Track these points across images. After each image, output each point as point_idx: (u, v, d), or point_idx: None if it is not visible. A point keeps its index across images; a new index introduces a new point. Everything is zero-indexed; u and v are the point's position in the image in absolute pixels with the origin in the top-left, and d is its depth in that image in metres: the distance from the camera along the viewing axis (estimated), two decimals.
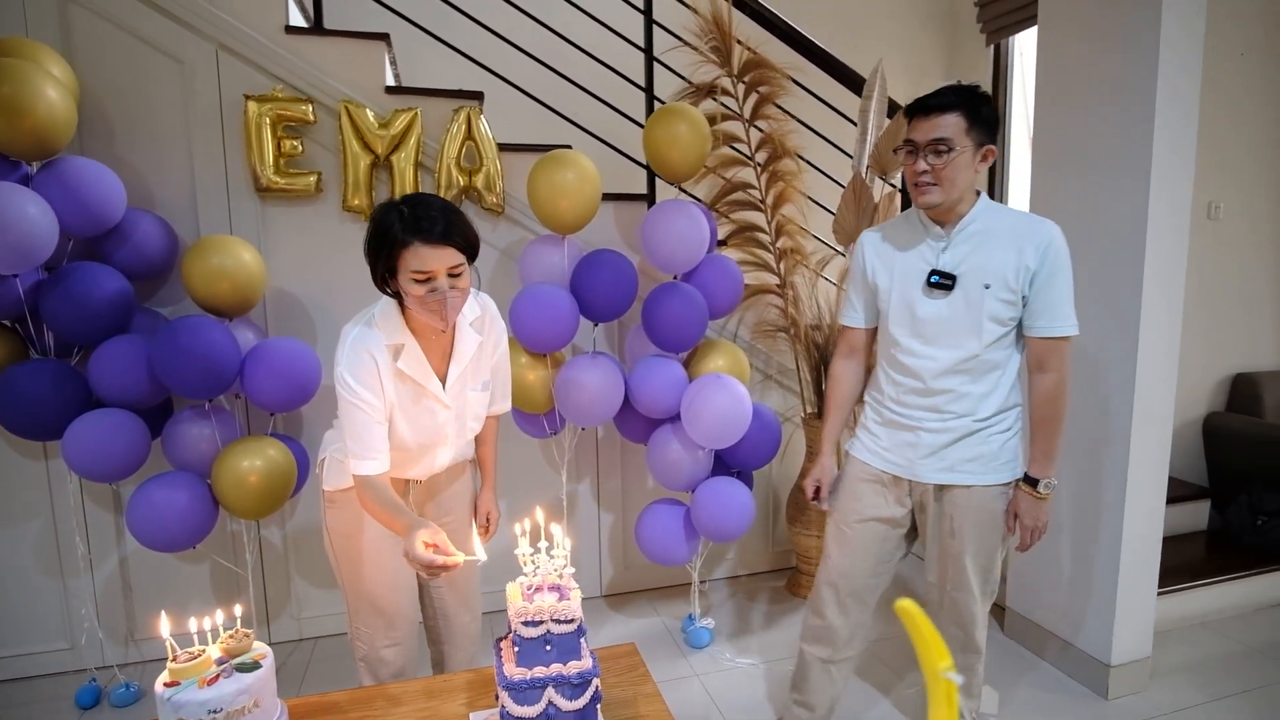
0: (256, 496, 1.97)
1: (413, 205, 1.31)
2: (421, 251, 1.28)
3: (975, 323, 1.44)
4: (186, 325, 1.90)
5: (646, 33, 2.56)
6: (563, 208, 2.10)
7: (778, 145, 2.37)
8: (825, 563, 1.66)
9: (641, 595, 2.69)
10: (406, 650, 1.56)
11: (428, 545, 1.18)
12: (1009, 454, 1.53)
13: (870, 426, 1.62)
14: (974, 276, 1.43)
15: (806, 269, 2.44)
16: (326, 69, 2.22)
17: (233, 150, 2.19)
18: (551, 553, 1.16)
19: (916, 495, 1.57)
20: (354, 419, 1.35)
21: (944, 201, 1.42)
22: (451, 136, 2.27)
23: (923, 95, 1.42)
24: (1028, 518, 1.51)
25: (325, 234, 2.27)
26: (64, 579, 2.20)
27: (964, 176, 1.40)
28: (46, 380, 1.90)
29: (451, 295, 1.32)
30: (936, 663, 0.57)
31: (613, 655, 1.34)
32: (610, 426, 2.50)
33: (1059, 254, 1.43)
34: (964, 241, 1.45)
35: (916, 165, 1.41)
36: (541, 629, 1.09)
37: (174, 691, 1.02)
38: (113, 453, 1.90)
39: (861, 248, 1.60)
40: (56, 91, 1.80)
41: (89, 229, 1.95)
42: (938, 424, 1.50)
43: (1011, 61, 3.56)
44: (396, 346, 1.39)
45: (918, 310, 1.49)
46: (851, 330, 1.67)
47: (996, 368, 1.48)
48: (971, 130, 1.38)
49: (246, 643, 1.11)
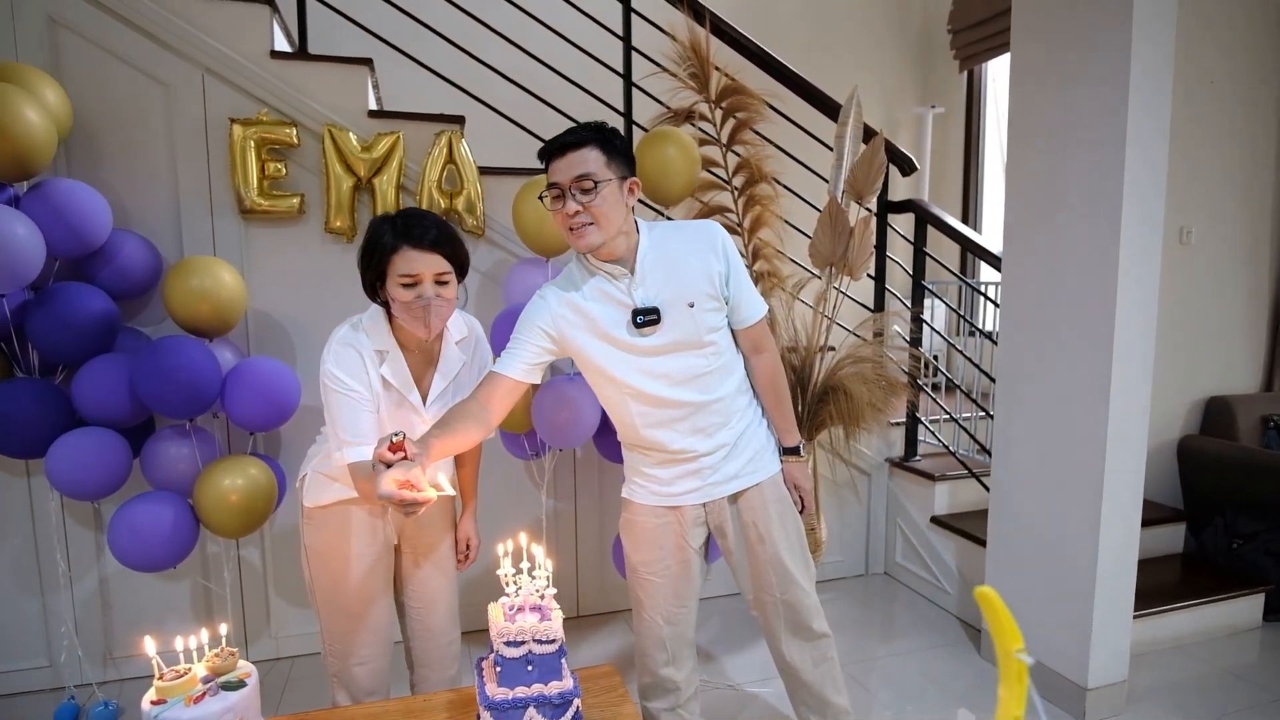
0: (238, 515, 1.98)
1: (406, 216, 1.40)
2: (410, 255, 1.35)
3: (696, 340, 1.45)
4: (168, 346, 1.92)
5: (625, 59, 2.60)
6: (547, 231, 2.13)
7: (755, 170, 2.42)
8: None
9: (618, 616, 2.70)
10: (378, 669, 1.58)
11: (399, 484, 1.14)
12: (771, 439, 1.63)
13: (646, 470, 1.58)
14: (676, 300, 1.43)
15: (784, 291, 2.47)
16: (310, 93, 2.26)
17: (217, 172, 2.22)
18: (533, 573, 1.19)
19: (713, 517, 1.59)
20: (343, 408, 1.38)
21: (604, 240, 1.38)
22: (433, 160, 2.31)
23: (551, 138, 1.41)
24: (806, 481, 1.64)
25: (307, 256, 2.30)
26: (44, 596, 2.22)
27: (617, 211, 1.38)
28: (31, 399, 1.92)
29: (436, 303, 1.37)
30: (1009, 644, 0.62)
31: (592, 676, 1.35)
32: (590, 446, 2.52)
33: (731, 247, 1.49)
34: (650, 271, 1.43)
35: (567, 207, 1.37)
36: (523, 649, 1.12)
37: (161, 709, 1.04)
38: (95, 471, 1.92)
39: (547, 305, 1.47)
40: (36, 113, 1.82)
41: (75, 249, 1.97)
42: (708, 444, 1.52)
43: (985, 87, 3.62)
44: (381, 353, 1.43)
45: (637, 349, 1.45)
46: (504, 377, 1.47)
47: (731, 371, 1.53)
48: (611, 163, 1.38)
49: (231, 661, 1.13)
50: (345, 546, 1.51)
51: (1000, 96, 3.52)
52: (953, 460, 2.81)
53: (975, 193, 3.63)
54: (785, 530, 1.58)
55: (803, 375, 2.46)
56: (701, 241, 1.46)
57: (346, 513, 1.51)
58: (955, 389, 2.89)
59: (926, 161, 3.83)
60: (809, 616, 1.60)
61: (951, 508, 2.78)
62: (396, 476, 1.13)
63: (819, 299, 2.41)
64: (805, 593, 1.59)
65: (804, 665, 1.61)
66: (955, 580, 2.68)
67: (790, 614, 1.59)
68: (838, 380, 2.37)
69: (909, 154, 2.70)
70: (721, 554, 1.66)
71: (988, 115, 3.64)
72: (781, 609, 1.59)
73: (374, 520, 1.54)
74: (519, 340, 1.46)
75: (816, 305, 2.41)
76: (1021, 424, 2.21)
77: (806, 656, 1.62)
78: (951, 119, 3.94)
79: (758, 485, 1.56)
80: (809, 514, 1.65)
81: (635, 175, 1.44)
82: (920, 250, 2.80)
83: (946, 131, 3.99)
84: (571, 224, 1.38)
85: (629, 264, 1.44)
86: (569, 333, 1.45)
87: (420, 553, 1.62)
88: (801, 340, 2.48)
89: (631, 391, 1.47)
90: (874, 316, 2.62)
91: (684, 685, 1.63)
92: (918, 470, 2.81)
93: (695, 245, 1.46)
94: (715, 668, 2.37)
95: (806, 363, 2.43)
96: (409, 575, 1.62)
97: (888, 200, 2.79)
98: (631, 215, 1.44)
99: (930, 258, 2.83)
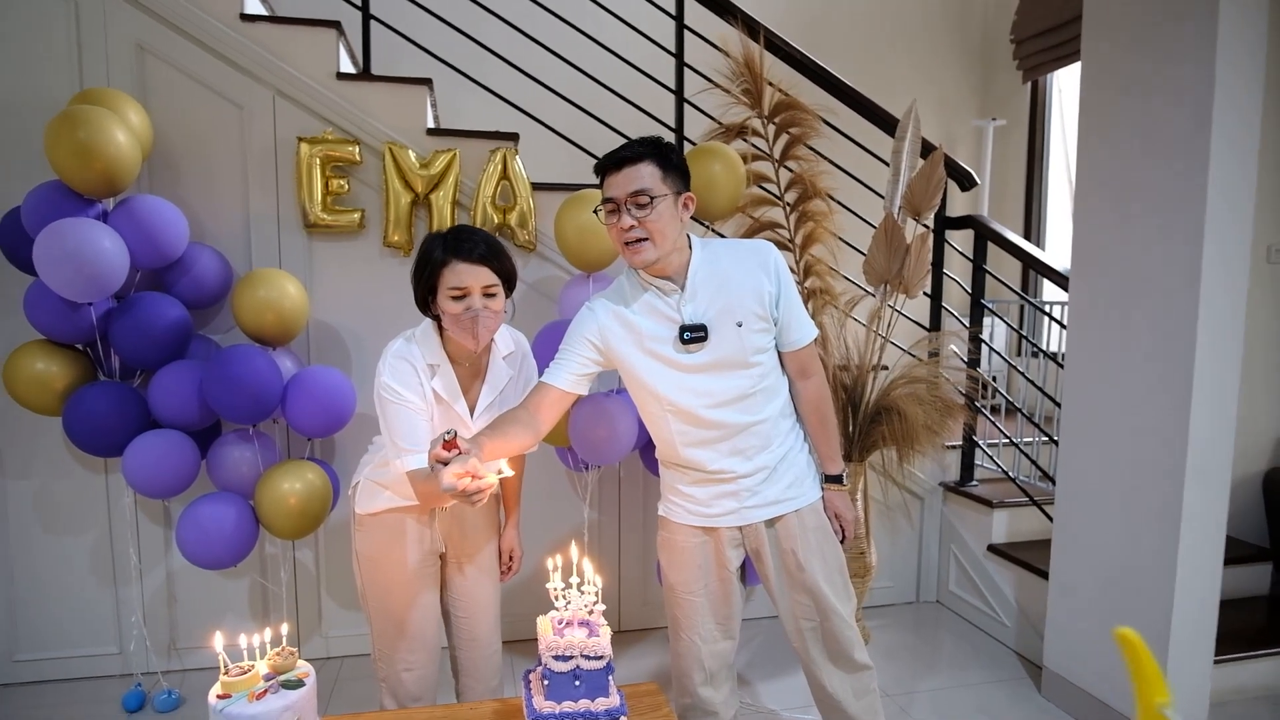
0: (296, 517, 2.06)
1: (456, 232, 1.46)
2: (459, 268, 1.40)
3: (742, 360, 1.43)
4: (235, 355, 2.02)
5: (678, 75, 2.61)
6: (589, 245, 2.15)
7: (809, 185, 2.38)
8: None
9: (659, 632, 2.68)
10: (426, 675, 1.61)
11: (459, 475, 1.15)
12: (813, 465, 1.60)
13: (683, 489, 1.55)
14: (724, 318, 1.42)
15: (836, 309, 2.42)
16: (372, 112, 2.34)
17: (284, 189, 2.33)
18: (582, 589, 1.19)
19: (750, 541, 1.55)
20: (400, 417, 1.43)
21: (659, 256, 1.38)
22: (488, 176, 2.36)
23: (608, 152, 1.41)
24: (848, 511, 1.60)
25: (366, 269, 2.39)
26: (116, 587, 2.35)
27: (672, 227, 1.38)
28: (112, 401, 2.04)
29: (484, 315, 1.41)
30: (1153, 696, 0.55)
31: (635, 693, 1.35)
32: (635, 459, 2.52)
33: (784, 268, 1.48)
34: (700, 288, 1.43)
35: (622, 222, 1.37)
36: (571, 664, 1.13)
37: (226, 704, 1.09)
38: (167, 471, 2.03)
39: (595, 316, 1.48)
40: (125, 136, 1.95)
41: (155, 261, 2.09)
42: (748, 466, 1.48)
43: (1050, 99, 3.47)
44: (432, 366, 1.48)
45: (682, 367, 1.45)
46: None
47: (775, 394, 1.50)
48: (667, 178, 1.37)
49: (291, 660, 1.18)
50: (395, 553, 1.56)
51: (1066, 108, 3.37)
52: (1012, 487, 2.69)
53: (1039, 208, 3.48)
54: (824, 559, 1.54)
55: (855, 394, 2.40)
56: (753, 261, 1.45)
57: (397, 520, 1.56)
58: (1016, 412, 2.76)
59: (987, 176, 3.70)
60: (850, 647, 1.55)
61: (1010, 536, 2.65)
62: (456, 470, 1.15)
63: (873, 316, 2.35)
64: (846, 623, 1.54)
65: (845, 697, 1.56)
66: (1014, 612, 2.55)
67: (830, 644, 1.55)
68: (891, 400, 2.30)
69: (968, 168, 2.61)
70: (759, 577, 1.63)
71: (1053, 128, 3.48)
72: (821, 638, 1.55)
73: (422, 528, 1.58)
74: (566, 351, 1.47)
75: (870, 323, 2.35)
76: (1089, 451, 2.10)
77: (848, 688, 1.57)
78: (1013, 132, 3.80)
79: (797, 512, 1.53)
80: (856, 540, 1.61)
81: (690, 191, 1.44)
82: (980, 268, 2.70)
83: (1008, 145, 3.85)
84: (626, 239, 1.38)
85: (680, 280, 1.44)
86: (615, 345, 1.46)
87: (466, 562, 1.65)
88: (854, 358, 2.42)
89: (673, 409, 1.47)
90: (929, 336, 2.54)
91: (722, 708, 1.60)
92: (974, 496, 2.70)
93: (747, 264, 1.45)
94: (752, 692, 2.32)
95: (859, 382, 2.37)
96: (455, 583, 1.66)
97: (946, 216, 2.71)
98: (685, 231, 1.45)
99: (991, 275, 2.72)
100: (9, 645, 2.33)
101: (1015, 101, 3.54)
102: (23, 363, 2.03)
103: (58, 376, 2.05)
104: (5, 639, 2.32)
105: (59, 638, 2.35)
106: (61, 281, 1.88)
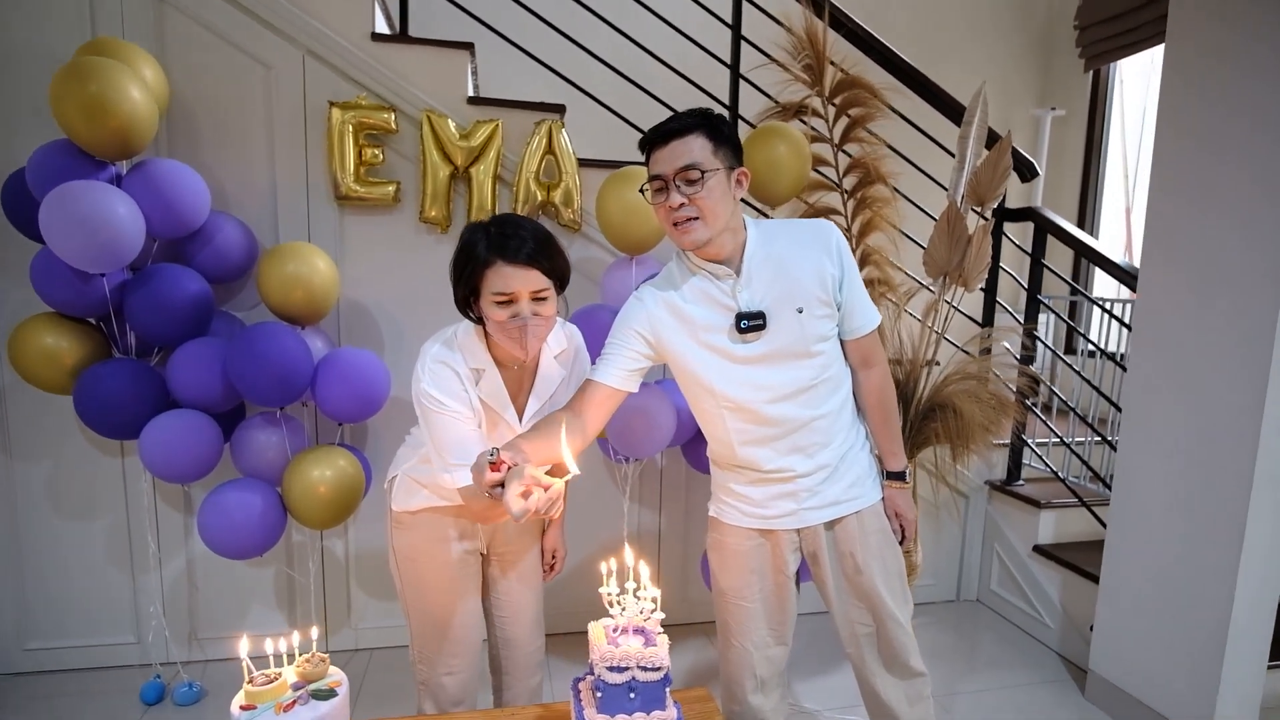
0: (326, 506, 1.96)
1: (500, 224, 1.29)
2: (505, 271, 1.25)
3: (803, 349, 1.34)
4: (261, 332, 1.90)
5: (734, 49, 2.48)
6: (633, 226, 2.03)
7: (871, 170, 2.26)
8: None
9: (698, 628, 2.61)
10: (467, 679, 1.53)
11: (524, 494, 1.03)
12: (874, 464, 1.51)
13: (736, 489, 1.46)
14: (783, 305, 1.32)
15: (890, 302, 2.32)
16: (410, 77, 2.19)
17: (314, 157, 2.18)
18: (638, 594, 1.10)
19: (808, 544, 1.47)
20: (447, 429, 1.30)
21: (711, 236, 1.28)
22: (532, 150, 2.22)
23: (653, 126, 1.30)
24: (910, 511, 1.51)
25: (401, 245, 2.25)
26: (134, 574, 2.24)
27: (724, 205, 1.28)
28: (126, 379, 1.92)
29: (534, 323, 1.27)
30: None
31: (686, 699, 1.27)
32: (676, 452, 2.43)
33: (846, 249, 1.37)
34: (756, 272, 1.32)
35: (671, 200, 1.26)
36: (627, 675, 1.04)
37: (251, 715, 1.00)
38: (185, 453, 1.91)
39: (644, 306, 1.37)
40: (140, 92, 1.80)
41: (174, 231, 1.96)
42: (808, 464, 1.40)
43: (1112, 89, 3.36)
44: (477, 371, 1.35)
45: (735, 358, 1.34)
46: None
47: (838, 387, 1.41)
48: (719, 152, 1.27)
49: (323, 668, 1.09)
50: (435, 553, 1.46)
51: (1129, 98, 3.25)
52: (1059, 487, 2.63)
53: (1094, 201, 3.38)
54: (885, 562, 1.46)
55: (907, 390, 2.32)
56: (814, 242, 1.34)
57: (436, 520, 1.46)
58: (1068, 411, 2.70)
59: (1043, 167, 3.59)
60: (906, 654, 1.48)
61: (1057, 537, 2.60)
62: (516, 490, 1.03)
63: (928, 310, 2.26)
64: (903, 629, 1.47)
65: (899, 705, 1.50)
66: (1057, 614, 2.51)
67: (886, 650, 1.48)
68: (945, 397, 2.22)
69: (1031, 158, 2.51)
70: (813, 580, 1.54)
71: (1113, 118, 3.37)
72: (877, 644, 1.48)
73: (462, 528, 1.48)
74: (615, 345, 1.36)
75: (925, 317, 2.26)
76: (1150, 454, 2.04)
77: (901, 695, 1.50)
78: (1072, 122, 3.66)
79: (858, 514, 1.44)
80: (908, 542, 1.53)
81: (743, 166, 1.33)
82: (1038, 261, 2.61)
83: (1065, 135, 3.72)
84: (675, 218, 1.27)
85: (735, 264, 1.33)
86: (666, 336, 1.35)
87: (507, 563, 1.56)
88: (907, 353, 2.33)
89: (730, 404, 1.37)
90: (983, 332, 2.45)
91: (771, 716, 1.53)
92: (1021, 495, 2.64)
93: (807, 245, 1.34)
94: (792, 691, 2.27)
95: (911, 377, 2.28)
96: (496, 583, 1.57)
97: (1005, 208, 2.61)
98: (739, 210, 1.34)
99: (1049, 270, 2.64)
100: (18, 633, 2.22)
101: (1074, 91, 3.42)
102: (30, 337, 1.90)
103: (68, 352, 1.92)
104: (14, 627, 2.21)
105: (74, 626, 2.24)
106: (71, 250, 1.74)
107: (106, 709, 2.08)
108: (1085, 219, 3.43)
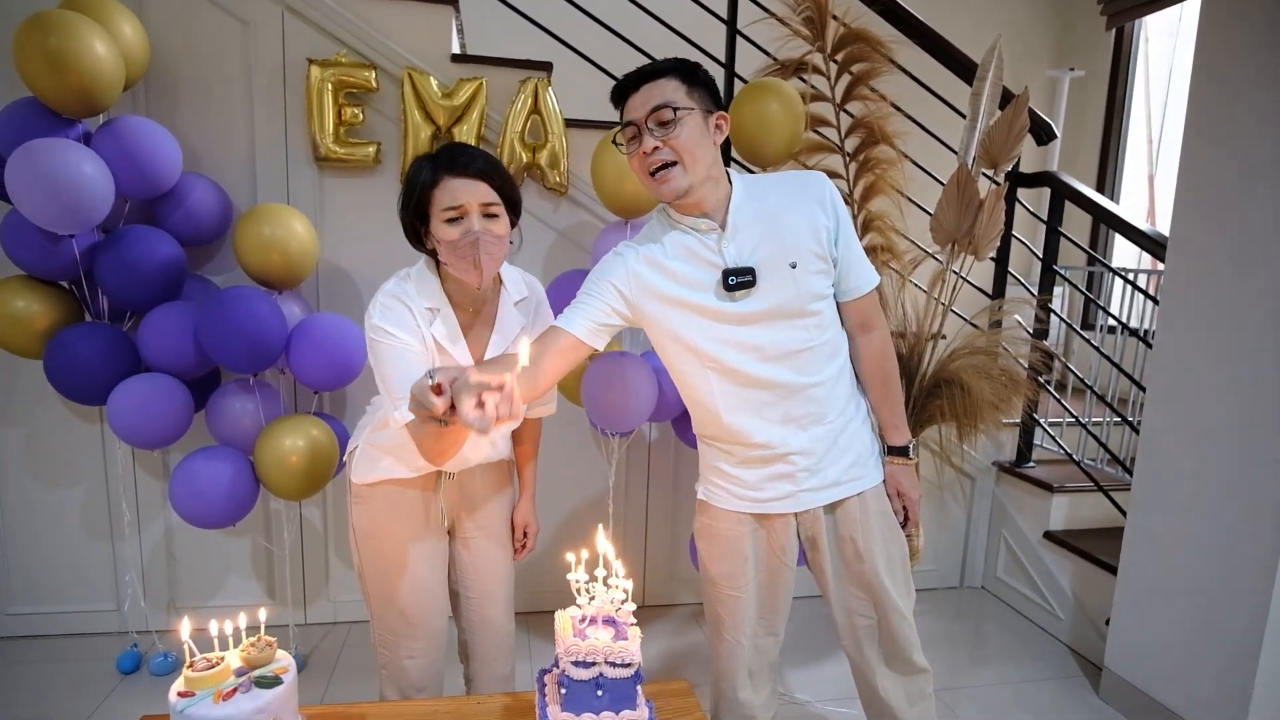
0: (298, 476, 1.91)
1: (446, 148, 1.26)
2: (452, 185, 1.21)
3: (798, 308, 1.23)
4: (233, 296, 1.84)
5: (730, 2, 2.35)
6: (627, 189, 1.93)
7: (876, 130, 2.13)
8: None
9: (684, 608, 2.52)
10: (430, 663, 1.44)
11: (477, 404, 0.94)
12: (876, 442, 1.40)
13: (727, 470, 1.36)
14: (775, 260, 1.22)
15: (894, 271, 2.19)
16: (391, 34, 2.11)
17: (293, 117, 2.12)
18: (609, 582, 1.01)
19: (805, 528, 1.36)
20: (394, 361, 1.23)
21: (691, 183, 1.19)
22: (517, 110, 2.13)
23: (624, 74, 1.22)
24: (913, 490, 1.40)
25: (381, 208, 2.17)
26: (113, 542, 2.21)
27: (703, 148, 1.19)
28: (98, 344, 1.88)
29: (486, 239, 1.21)
30: None
31: (664, 693, 1.19)
32: (666, 427, 2.34)
33: (840, 202, 1.28)
34: (744, 226, 1.23)
35: (645, 144, 1.18)
36: (594, 671, 0.95)
37: (188, 703, 0.92)
38: (154, 418, 1.87)
39: (624, 260, 1.28)
40: (106, 47, 1.74)
41: (144, 191, 1.91)
42: (802, 438, 1.29)
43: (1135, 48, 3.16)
44: (431, 310, 1.28)
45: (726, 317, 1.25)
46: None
47: (835, 354, 1.31)
48: (693, 93, 1.19)
49: (269, 653, 1.01)
50: (395, 528, 1.38)
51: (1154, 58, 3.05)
52: (1073, 470, 2.49)
53: (1115, 166, 3.20)
54: (887, 547, 1.35)
55: (910, 365, 2.19)
56: (806, 193, 1.25)
57: (396, 493, 1.38)
58: (1084, 389, 2.54)
59: (1059, 130, 3.41)
60: (908, 648, 1.37)
61: (1069, 523, 2.46)
62: (471, 404, 0.92)
63: (934, 280, 2.13)
64: (906, 621, 1.36)
65: (898, 702, 1.39)
66: (1069, 605, 2.38)
67: (887, 643, 1.38)
68: (952, 373, 2.09)
69: (1049, 119, 2.36)
70: (810, 567, 1.43)
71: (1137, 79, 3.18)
72: (877, 637, 1.38)
73: (426, 501, 1.40)
74: (588, 295, 1.27)
75: (931, 288, 2.13)
76: (1178, 437, 1.90)
77: (901, 692, 1.39)
78: (1092, 83, 3.45)
79: (859, 495, 1.33)
80: (910, 525, 1.41)
81: (723, 109, 1.23)
82: (1055, 230, 2.46)
83: (1084, 97, 3.51)
84: (650, 164, 1.19)
85: (719, 217, 1.23)
86: (646, 293, 1.26)
87: (475, 536, 1.48)
88: (911, 326, 2.21)
89: (716, 366, 1.26)
90: (994, 304, 2.31)
91: (760, 712, 1.43)
92: (1032, 478, 2.50)
93: (799, 197, 1.25)
94: (783, 680, 2.17)
95: (916, 351, 2.16)
96: (463, 560, 1.49)
97: (1018, 172, 2.46)
98: (720, 160, 1.24)
99: (1067, 238, 2.48)
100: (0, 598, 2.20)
101: (1094, 51, 3.23)
102: (1, 300, 1.85)
103: (39, 316, 1.88)
104: None
105: (53, 592, 2.22)
106: (37, 210, 1.70)
107: (83, 676, 2.05)
108: (1105, 186, 3.24)
